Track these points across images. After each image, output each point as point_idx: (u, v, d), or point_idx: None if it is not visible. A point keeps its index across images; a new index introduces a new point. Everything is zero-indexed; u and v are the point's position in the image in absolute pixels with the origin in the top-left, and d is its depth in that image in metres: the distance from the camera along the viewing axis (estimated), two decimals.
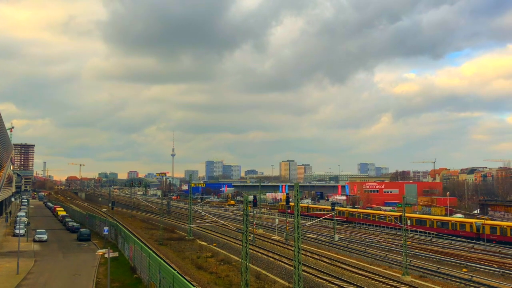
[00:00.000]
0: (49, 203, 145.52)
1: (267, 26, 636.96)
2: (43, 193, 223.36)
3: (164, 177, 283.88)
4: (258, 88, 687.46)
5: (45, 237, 62.44)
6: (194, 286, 33.18)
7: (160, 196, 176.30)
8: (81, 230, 67.62)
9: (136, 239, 45.17)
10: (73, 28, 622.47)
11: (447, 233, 71.80)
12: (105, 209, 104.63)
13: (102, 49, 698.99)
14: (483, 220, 72.93)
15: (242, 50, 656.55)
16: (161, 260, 30.40)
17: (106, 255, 33.47)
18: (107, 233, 58.61)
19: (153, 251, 46.17)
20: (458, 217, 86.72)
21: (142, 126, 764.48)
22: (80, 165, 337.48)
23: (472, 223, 70.50)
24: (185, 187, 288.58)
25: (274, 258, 49.55)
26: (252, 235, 66.42)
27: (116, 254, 37.99)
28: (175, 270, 39.01)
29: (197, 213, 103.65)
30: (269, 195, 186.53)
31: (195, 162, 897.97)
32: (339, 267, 45.43)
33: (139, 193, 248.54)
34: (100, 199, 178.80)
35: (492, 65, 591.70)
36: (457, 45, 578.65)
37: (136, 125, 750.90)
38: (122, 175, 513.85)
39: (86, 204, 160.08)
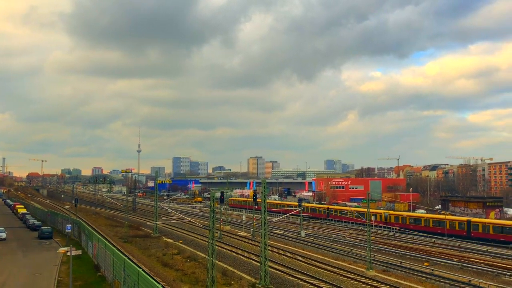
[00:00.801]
0: (8, 201, 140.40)
1: (235, 22, 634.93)
2: (2, 190, 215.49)
3: (130, 174, 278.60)
4: (227, 84, 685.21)
5: (3, 235, 60.14)
6: (159, 283, 32.75)
7: (126, 193, 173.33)
8: (43, 228, 65.49)
9: (100, 236, 44.17)
10: (35, 20, 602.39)
11: (364, 222, 74.49)
12: (67, 206, 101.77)
13: (66, 42, 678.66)
14: (390, 211, 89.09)
15: (211, 45, 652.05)
16: (126, 258, 29.82)
17: (69, 253, 32.54)
18: (69, 230, 56.97)
19: (118, 249, 45.32)
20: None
21: (107, 121, 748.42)
22: (42, 161, 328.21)
23: (381, 213, 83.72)
24: (151, 183, 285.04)
25: (241, 255, 49.57)
26: (219, 231, 66.21)
27: (79, 252, 37.04)
28: (140, 267, 38.44)
29: (163, 210, 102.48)
30: (237, 192, 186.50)
31: (162, 158, 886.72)
32: (305, 262, 45.89)
33: (103, 189, 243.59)
34: (63, 196, 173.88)
35: (455, 65, 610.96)
36: (421, 45, 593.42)
37: (101, 120, 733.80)
38: (86, 172, 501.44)
39: (48, 201, 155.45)
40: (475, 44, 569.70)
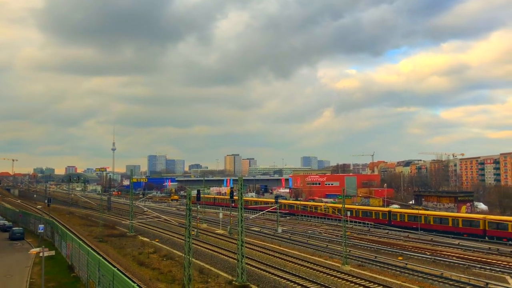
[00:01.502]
0: None
1: (211, 19, 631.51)
2: None
3: (104, 172, 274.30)
4: (203, 81, 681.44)
5: None
6: (135, 283, 32.46)
7: (100, 192, 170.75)
8: (14, 228, 63.91)
9: (74, 236, 43.40)
10: (4, 15, 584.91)
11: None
12: (40, 206, 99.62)
13: (38, 38, 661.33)
14: (329, 203, 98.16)
15: (187, 42, 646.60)
16: (100, 257, 29.39)
17: (41, 254, 31.88)
18: (42, 231, 55.80)
19: (92, 248, 44.64)
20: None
21: (81, 119, 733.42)
22: (13, 160, 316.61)
23: (321, 206, 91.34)
24: (126, 182, 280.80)
25: (218, 252, 49.50)
26: (195, 229, 65.90)
27: (53, 252, 36.36)
28: (115, 267, 37.98)
29: (139, 209, 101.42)
30: (214, 189, 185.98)
31: (137, 156, 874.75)
32: (282, 258, 46.15)
33: (77, 189, 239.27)
34: (35, 195, 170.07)
35: (428, 63, 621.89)
36: (395, 43, 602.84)
37: (74, 118, 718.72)
38: (60, 171, 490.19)
39: (19, 201, 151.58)
40: (447, 42, 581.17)
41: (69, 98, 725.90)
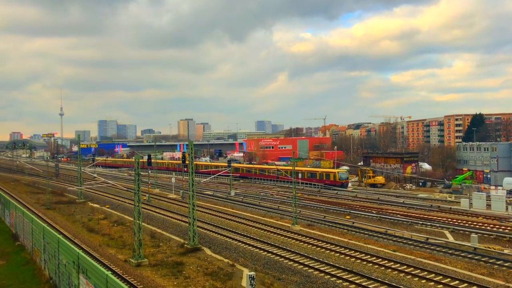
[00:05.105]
0: None
1: None
2: None
3: (52, 138, 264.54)
4: (155, 44, 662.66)
5: None
6: (81, 249, 32.01)
7: (48, 158, 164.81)
8: None
9: (17, 204, 41.80)
10: None
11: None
12: None
13: None
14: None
15: (137, 3, 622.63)
16: (45, 225, 28.49)
17: None
18: None
19: (38, 216, 43.30)
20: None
21: (25, 83, 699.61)
22: None
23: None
24: (76, 148, 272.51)
25: (170, 217, 49.42)
26: (147, 194, 65.32)
27: None
28: (62, 234, 37.17)
29: (90, 175, 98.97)
30: (167, 155, 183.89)
31: (87, 122, 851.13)
32: (234, 221, 46.75)
33: (24, 155, 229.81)
34: None
35: (380, 27, 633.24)
36: (349, 7, 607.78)
37: (17, 81, 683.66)
38: (4, 137, 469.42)
39: None
40: (399, 7, 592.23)
41: (11, 60, 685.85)
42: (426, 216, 49.52)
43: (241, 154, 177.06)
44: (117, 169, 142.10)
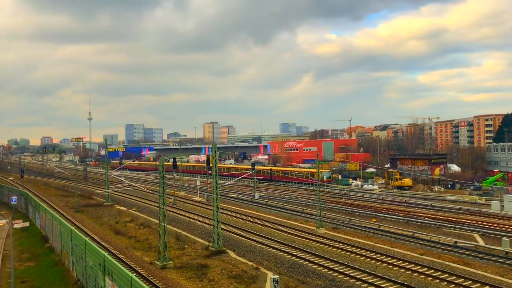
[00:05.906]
0: None
1: None
2: None
3: (81, 142, 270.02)
4: (181, 48, 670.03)
5: None
6: (107, 251, 32.47)
7: (76, 162, 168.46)
8: None
9: (46, 207, 42.87)
10: None
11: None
12: (12, 178, 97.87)
13: (9, 5, 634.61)
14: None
15: (163, 8, 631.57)
16: (73, 228, 29.13)
17: (15, 226, 31.52)
18: (15, 202, 55.03)
19: (66, 218, 44.25)
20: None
21: (56, 88, 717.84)
22: None
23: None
24: (104, 152, 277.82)
25: (195, 219, 49.74)
26: (173, 197, 65.97)
27: (27, 224, 35.97)
28: (89, 236, 37.87)
29: (117, 179, 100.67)
30: (193, 157, 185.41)
31: (114, 126, 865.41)
32: (258, 223, 46.69)
33: (54, 159, 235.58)
34: (9, 167, 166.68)
35: (406, 27, 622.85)
36: (374, 7, 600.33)
37: (49, 88, 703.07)
38: (35, 141, 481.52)
39: None
40: (426, 6, 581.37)
41: (43, 67, 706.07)
42: (454, 219, 48.34)
43: (266, 157, 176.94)
44: (144, 172, 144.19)
